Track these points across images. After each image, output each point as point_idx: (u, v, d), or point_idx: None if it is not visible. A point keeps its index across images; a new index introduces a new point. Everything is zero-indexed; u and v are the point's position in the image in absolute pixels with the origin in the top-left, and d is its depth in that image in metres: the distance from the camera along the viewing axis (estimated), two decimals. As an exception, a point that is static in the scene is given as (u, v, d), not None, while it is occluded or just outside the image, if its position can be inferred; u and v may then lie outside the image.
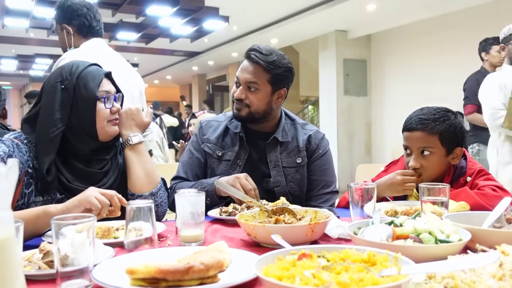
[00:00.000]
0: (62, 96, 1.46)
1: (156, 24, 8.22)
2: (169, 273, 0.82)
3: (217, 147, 1.84)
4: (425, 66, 7.37)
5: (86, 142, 1.49)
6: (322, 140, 1.89)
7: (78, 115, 1.46)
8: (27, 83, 17.66)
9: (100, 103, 1.48)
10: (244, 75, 1.75)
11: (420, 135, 1.63)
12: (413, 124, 1.66)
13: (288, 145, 1.84)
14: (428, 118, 1.64)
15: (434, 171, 1.66)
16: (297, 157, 1.82)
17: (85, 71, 1.49)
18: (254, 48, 1.76)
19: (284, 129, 1.85)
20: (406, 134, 1.69)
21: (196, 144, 1.89)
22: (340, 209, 1.76)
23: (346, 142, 8.41)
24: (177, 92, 18.56)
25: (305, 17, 7.52)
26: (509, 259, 0.78)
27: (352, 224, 1.17)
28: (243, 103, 1.76)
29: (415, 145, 1.65)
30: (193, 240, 1.23)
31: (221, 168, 1.81)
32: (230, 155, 1.82)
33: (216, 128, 1.89)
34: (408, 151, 1.70)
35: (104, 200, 1.28)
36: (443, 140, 1.62)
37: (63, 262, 0.87)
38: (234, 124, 1.86)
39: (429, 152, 1.63)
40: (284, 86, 1.80)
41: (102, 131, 1.50)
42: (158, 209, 1.56)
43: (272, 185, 1.77)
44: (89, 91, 1.47)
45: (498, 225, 1.17)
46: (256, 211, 1.36)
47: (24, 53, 12.05)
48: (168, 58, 12.46)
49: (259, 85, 1.74)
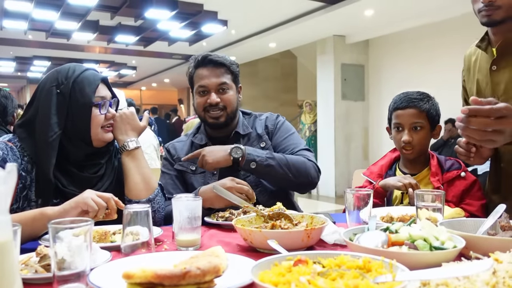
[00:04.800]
0: (57, 101, 1.45)
1: (155, 27, 8.23)
2: (166, 278, 0.82)
3: (189, 162, 1.87)
4: (422, 71, 7.40)
5: (80, 147, 1.49)
6: (277, 118, 1.97)
7: (73, 121, 1.46)
8: (25, 85, 17.63)
9: (96, 109, 1.48)
10: (213, 79, 1.80)
11: (413, 111, 1.83)
12: (404, 103, 1.85)
13: (250, 136, 1.90)
14: (416, 97, 1.84)
15: (423, 145, 1.85)
16: (260, 143, 1.87)
17: (81, 76, 1.48)
18: (207, 54, 1.84)
19: (243, 123, 1.92)
20: (399, 112, 1.86)
21: (169, 165, 1.91)
22: (336, 214, 1.77)
23: (343, 146, 8.43)
24: (175, 95, 18.56)
25: (304, 21, 7.55)
26: (503, 267, 0.79)
27: (348, 230, 1.18)
28: (219, 106, 1.80)
29: (408, 121, 1.83)
30: (190, 245, 1.23)
31: (198, 181, 1.83)
32: None
33: (183, 146, 1.93)
34: (399, 129, 1.86)
35: (101, 202, 1.28)
36: (429, 116, 1.84)
37: (60, 266, 0.87)
38: (199, 137, 1.91)
39: (420, 127, 1.83)
40: (239, 83, 1.91)
41: (96, 137, 1.50)
42: (156, 215, 1.55)
43: (243, 177, 1.78)
44: (85, 96, 1.46)
45: (492, 232, 1.18)
46: (253, 216, 1.37)
47: (22, 55, 12.03)
48: (166, 61, 12.47)
49: (228, 85, 1.83)
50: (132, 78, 16.78)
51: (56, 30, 8.56)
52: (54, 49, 10.53)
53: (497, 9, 1.47)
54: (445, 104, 1.62)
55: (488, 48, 1.61)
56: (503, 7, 1.47)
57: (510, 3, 1.47)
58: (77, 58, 10.99)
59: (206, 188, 1.65)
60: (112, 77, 16.01)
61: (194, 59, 1.86)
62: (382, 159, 2.06)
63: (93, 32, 8.66)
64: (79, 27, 8.19)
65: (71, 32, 8.67)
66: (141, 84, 18.11)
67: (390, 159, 2.01)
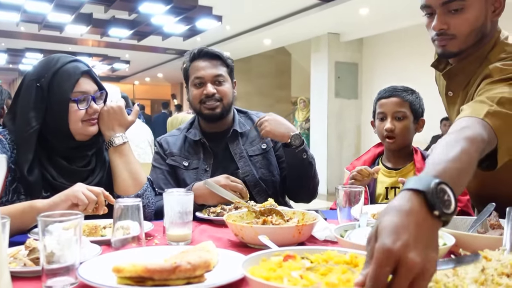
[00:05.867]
0: (36, 95, 1.42)
1: (149, 21, 8.18)
2: (156, 272, 0.82)
3: (181, 158, 1.85)
4: (415, 70, 7.42)
5: (62, 141, 1.46)
6: None
7: (52, 115, 1.43)
8: (16, 77, 17.46)
9: (74, 104, 1.44)
10: (209, 70, 1.81)
11: (396, 100, 1.87)
12: (388, 93, 1.90)
13: (248, 135, 1.89)
14: (400, 89, 1.90)
15: (405, 136, 1.88)
16: (261, 144, 1.87)
17: (61, 70, 1.44)
18: (202, 48, 1.85)
19: (240, 121, 1.91)
20: (382, 101, 1.90)
21: (161, 159, 1.88)
22: (328, 211, 1.77)
23: (336, 144, 8.45)
24: (168, 90, 18.49)
25: (299, 19, 7.54)
26: (492, 264, 0.79)
27: (339, 227, 1.18)
28: (215, 98, 1.80)
29: (391, 109, 1.87)
30: (181, 240, 1.23)
31: (191, 177, 1.81)
32: (196, 163, 1.83)
33: (176, 141, 1.91)
34: (382, 118, 1.90)
35: (91, 196, 1.26)
36: (412, 108, 1.87)
37: (49, 259, 0.86)
38: (192, 133, 1.89)
39: (403, 116, 1.86)
40: (234, 77, 1.91)
41: (77, 132, 1.46)
42: (145, 210, 1.52)
43: (241, 176, 1.78)
44: (62, 92, 1.42)
45: (482, 231, 1.19)
46: (244, 212, 1.36)
47: (14, 47, 11.90)
48: (160, 56, 12.41)
49: (224, 77, 1.83)
50: (125, 72, 16.68)
51: (48, 23, 8.47)
52: (47, 41, 10.42)
53: (451, 38, 1.30)
54: (439, 102, 1.62)
55: (446, 69, 1.45)
56: (458, 37, 1.29)
57: (465, 33, 1.28)
58: (69, 51, 10.89)
59: (200, 185, 1.63)
60: (105, 71, 15.91)
61: (190, 53, 1.86)
62: (366, 153, 2.08)
63: (86, 25, 8.59)
64: (72, 20, 8.11)
65: (64, 24, 8.59)
66: (134, 78, 18.01)
67: (373, 154, 2.02)
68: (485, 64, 1.32)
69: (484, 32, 1.32)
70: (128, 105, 3.72)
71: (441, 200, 0.67)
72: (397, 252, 0.59)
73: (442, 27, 1.30)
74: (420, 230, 0.63)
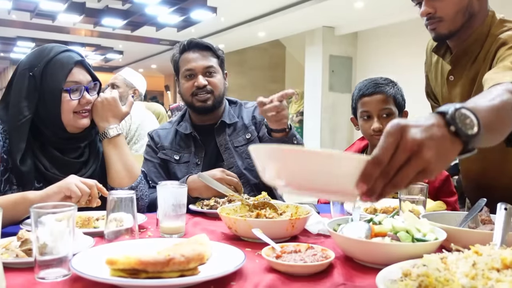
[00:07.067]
0: (29, 84, 1.41)
1: (143, 11, 8.10)
2: (150, 265, 0.82)
3: (172, 151, 1.85)
4: (410, 65, 7.43)
5: (54, 132, 1.45)
6: None
7: (45, 105, 1.42)
8: (8, 66, 17.25)
9: (66, 94, 1.42)
10: (200, 62, 1.79)
11: (380, 97, 1.74)
12: (371, 89, 1.75)
13: (236, 125, 1.88)
14: (381, 82, 1.76)
15: None
16: (246, 134, 1.86)
17: (55, 59, 1.43)
18: (192, 39, 1.83)
19: (230, 112, 1.90)
20: (366, 99, 1.76)
21: (152, 152, 1.88)
22: (321, 205, 1.78)
23: (328, 138, 8.48)
24: (161, 81, 18.38)
25: (294, 11, 7.52)
26: (482, 259, 0.80)
27: (332, 221, 1.18)
28: (206, 89, 1.79)
29: (376, 107, 1.74)
30: (174, 232, 1.23)
31: (182, 171, 1.81)
32: (187, 156, 1.83)
33: (167, 134, 1.90)
34: (366, 117, 1.77)
35: (84, 189, 1.26)
36: (396, 102, 1.76)
37: (41, 251, 0.86)
38: (183, 126, 1.88)
39: (389, 113, 1.74)
40: (225, 69, 1.90)
41: (69, 124, 1.45)
42: (139, 203, 1.52)
43: (226, 167, 1.77)
44: (55, 81, 1.41)
45: (473, 226, 1.20)
46: (238, 205, 1.37)
47: (5, 36, 11.75)
48: (153, 47, 12.31)
49: (215, 69, 1.83)
50: (119, 62, 16.54)
51: (41, 11, 8.36)
52: (39, 30, 10.28)
53: (439, 21, 1.37)
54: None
55: (446, 55, 1.52)
56: (445, 19, 1.36)
57: (451, 14, 1.36)
58: (62, 40, 10.75)
59: (195, 177, 1.64)
60: (98, 61, 15.75)
61: (180, 45, 1.84)
62: (350, 147, 2.01)
63: (79, 14, 8.48)
64: (65, 9, 8.01)
65: (56, 13, 8.48)
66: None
67: (358, 147, 1.95)
68: (489, 39, 1.39)
69: (471, 11, 1.38)
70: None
71: (462, 122, 0.69)
72: (410, 134, 0.64)
73: (430, 11, 1.37)
74: (438, 140, 0.66)
